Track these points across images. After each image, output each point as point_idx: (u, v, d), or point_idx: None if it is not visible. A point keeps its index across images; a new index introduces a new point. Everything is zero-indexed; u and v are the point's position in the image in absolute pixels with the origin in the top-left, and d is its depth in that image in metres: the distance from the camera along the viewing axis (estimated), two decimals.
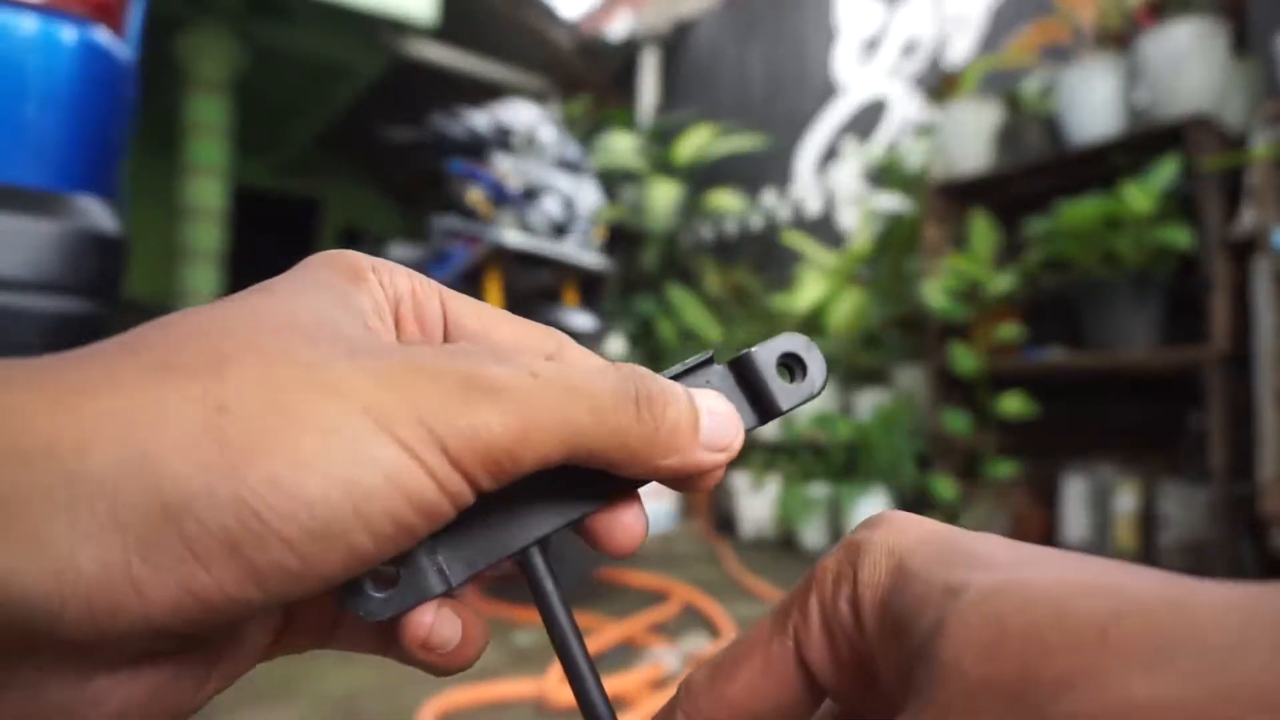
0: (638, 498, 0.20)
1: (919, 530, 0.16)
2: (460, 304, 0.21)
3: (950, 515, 2.29)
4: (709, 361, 0.21)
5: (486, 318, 0.21)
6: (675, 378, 0.21)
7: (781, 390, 0.21)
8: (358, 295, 0.19)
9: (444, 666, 0.19)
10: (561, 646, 0.19)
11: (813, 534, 2.67)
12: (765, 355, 0.21)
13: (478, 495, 0.17)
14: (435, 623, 0.18)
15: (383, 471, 0.15)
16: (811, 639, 0.16)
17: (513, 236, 1.99)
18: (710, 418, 0.19)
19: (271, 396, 0.15)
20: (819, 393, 0.21)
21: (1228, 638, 0.11)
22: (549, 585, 0.19)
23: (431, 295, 0.20)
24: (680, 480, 0.19)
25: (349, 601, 0.17)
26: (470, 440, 0.16)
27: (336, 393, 0.15)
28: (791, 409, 0.21)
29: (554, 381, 0.17)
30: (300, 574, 0.15)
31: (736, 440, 0.20)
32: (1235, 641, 0.11)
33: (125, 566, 0.13)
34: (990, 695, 0.12)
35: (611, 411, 0.17)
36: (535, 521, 0.19)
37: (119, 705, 0.15)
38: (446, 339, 0.20)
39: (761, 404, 0.21)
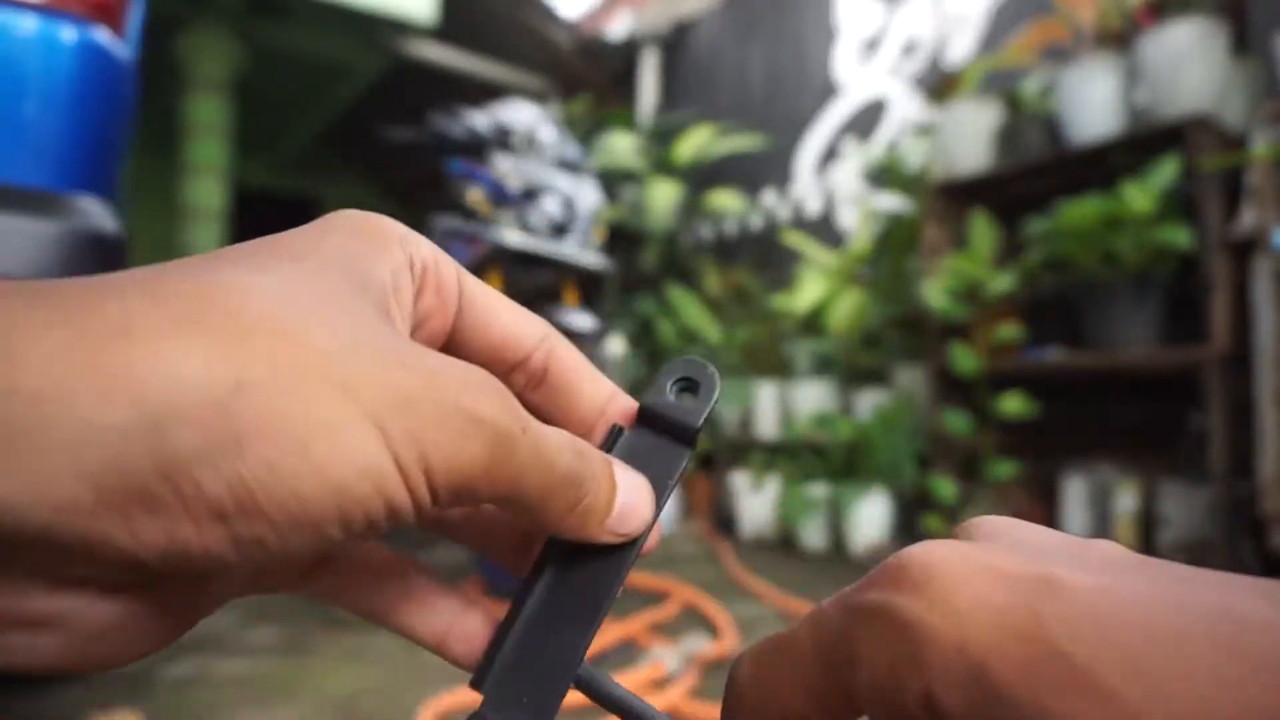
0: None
1: (987, 617, 0.13)
2: (472, 283, 0.22)
3: (949, 515, 2.29)
4: (618, 432, 0.22)
5: (492, 301, 0.22)
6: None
7: (689, 412, 0.21)
8: (380, 265, 0.19)
9: None
10: None
11: (812, 534, 2.67)
12: (659, 395, 0.22)
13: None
14: None
15: (372, 481, 0.16)
16: (865, 704, 0.15)
17: (513, 236, 1.99)
18: (623, 505, 0.21)
19: (287, 381, 0.16)
20: (718, 394, 0.22)
21: None
22: (621, 693, 0.19)
23: (450, 270, 0.21)
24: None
25: None
26: (450, 471, 0.17)
27: (347, 390, 0.16)
28: (705, 420, 0.21)
29: (534, 443, 0.18)
30: (273, 549, 0.16)
31: (640, 527, 0.21)
32: None
33: (123, 510, 0.14)
34: None
35: (559, 489, 0.19)
36: (571, 637, 0.20)
37: (84, 626, 0.16)
38: (459, 315, 0.22)
39: (679, 433, 0.21)
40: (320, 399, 0.16)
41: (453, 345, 0.22)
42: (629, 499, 0.21)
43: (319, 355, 0.16)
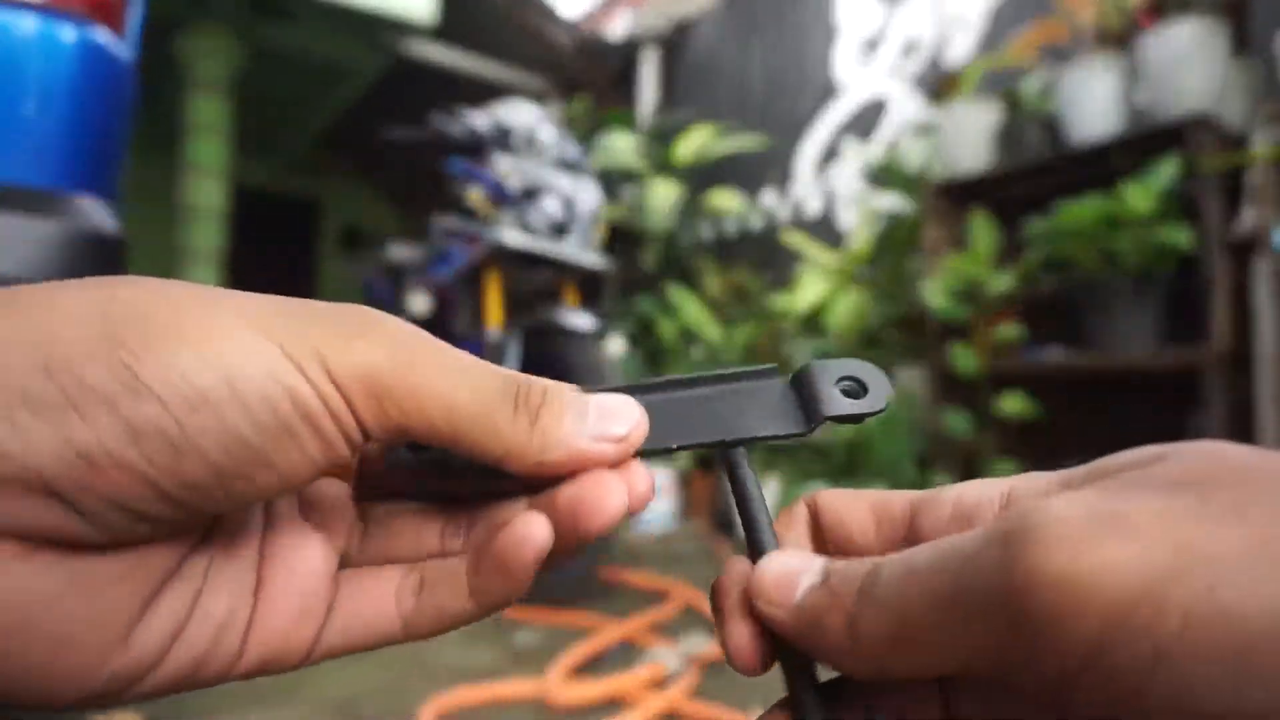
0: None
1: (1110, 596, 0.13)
2: None
3: None
4: (770, 373, 0.22)
5: None
6: (730, 376, 0.21)
7: (832, 399, 0.21)
8: None
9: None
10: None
11: None
12: (823, 370, 0.21)
13: (366, 438, 0.17)
14: None
15: (262, 365, 0.16)
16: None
17: (513, 236, 1.99)
18: (599, 409, 0.20)
19: (164, 297, 0.16)
20: (879, 409, 0.21)
21: None
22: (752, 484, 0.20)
23: None
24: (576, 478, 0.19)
25: None
26: (352, 365, 0.16)
27: (218, 300, 0.16)
28: (841, 418, 0.21)
29: (446, 357, 0.18)
30: (178, 443, 0.15)
31: (629, 429, 0.20)
32: None
33: (8, 411, 0.14)
34: None
35: (490, 398, 0.18)
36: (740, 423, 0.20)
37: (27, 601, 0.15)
38: None
39: (809, 410, 0.21)
40: (197, 307, 0.16)
41: None
42: (609, 402, 0.20)
43: (196, 288, 0.17)
